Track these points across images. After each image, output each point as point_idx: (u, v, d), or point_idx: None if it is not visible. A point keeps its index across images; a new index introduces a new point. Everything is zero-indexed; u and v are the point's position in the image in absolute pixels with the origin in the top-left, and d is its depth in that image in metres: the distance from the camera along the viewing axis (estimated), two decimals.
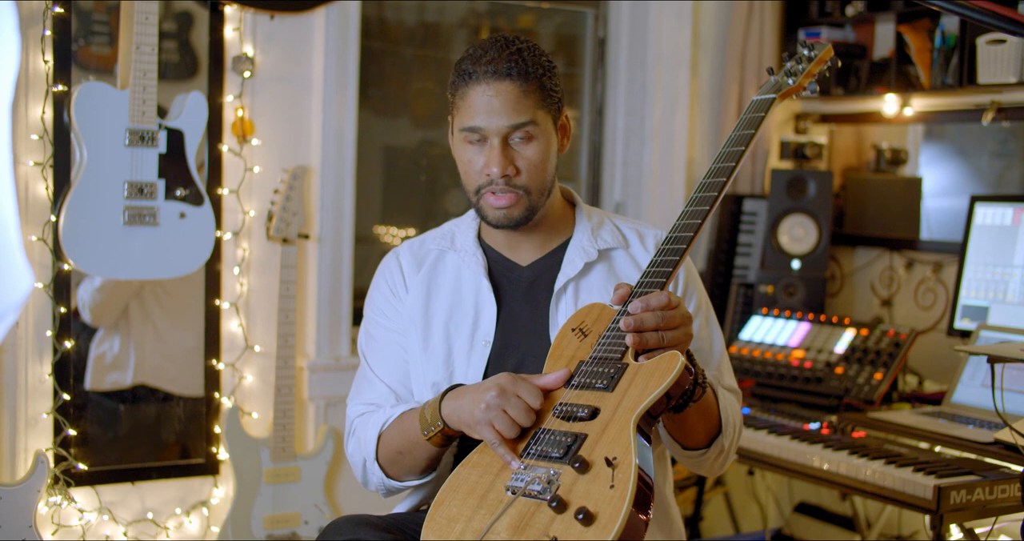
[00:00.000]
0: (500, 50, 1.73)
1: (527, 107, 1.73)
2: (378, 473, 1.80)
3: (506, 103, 1.72)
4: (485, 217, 1.81)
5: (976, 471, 2.29)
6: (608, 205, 3.70)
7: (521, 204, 1.77)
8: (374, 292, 1.95)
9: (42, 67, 2.66)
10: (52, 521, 2.75)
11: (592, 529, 1.32)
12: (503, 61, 1.72)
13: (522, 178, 1.75)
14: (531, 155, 1.76)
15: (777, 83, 1.76)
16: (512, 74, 1.72)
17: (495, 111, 1.72)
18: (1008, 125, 3.17)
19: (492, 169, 1.74)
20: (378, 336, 1.92)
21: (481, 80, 1.72)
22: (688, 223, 1.63)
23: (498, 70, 1.72)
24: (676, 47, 3.61)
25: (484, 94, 1.72)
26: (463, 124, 1.76)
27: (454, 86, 1.78)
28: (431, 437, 1.67)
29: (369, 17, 3.31)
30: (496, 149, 1.73)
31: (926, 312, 3.35)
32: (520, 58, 1.73)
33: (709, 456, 1.77)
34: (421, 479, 1.80)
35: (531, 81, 1.74)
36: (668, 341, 1.54)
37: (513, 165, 1.74)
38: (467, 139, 1.76)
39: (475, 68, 1.73)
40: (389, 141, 3.51)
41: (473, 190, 1.80)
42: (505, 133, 1.73)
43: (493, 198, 1.77)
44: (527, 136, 1.75)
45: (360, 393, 1.91)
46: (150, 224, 2.70)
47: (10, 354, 2.69)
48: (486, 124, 1.73)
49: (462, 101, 1.75)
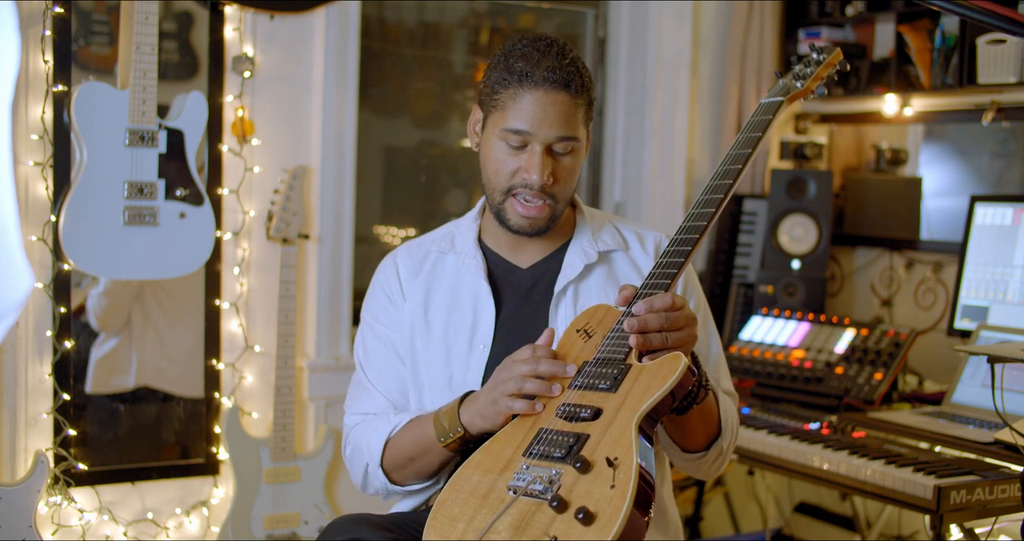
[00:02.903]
0: (559, 58, 1.72)
1: (577, 121, 1.74)
2: (381, 478, 1.81)
3: (560, 114, 1.71)
4: (506, 220, 1.79)
5: (976, 471, 2.29)
6: (608, 205, 3.70)
7: (547, 213, 1.77)
8: (371, 298, 1.95)
9: (42, 67, 2.66)
10: (52, 521, 2.75)
11: (592, 529, 1.32)
12: (562, 71, 1.71)
13: (556, 187, 1.75)
14: (569, 166, 1.76)
15: (785, 86, 1.76)
16: (570, 87, 1.71)
17: (548, 120, 1.71)
18: (1008, 125, 3.17)
19: (532, 176, 1.72)
20: (374, 345, 1.91)
21: (539, 86, 1.70)
22: (694, 225, 1.63)
23: (557, 79, 1.70)
24: (676, 47, 3.61)
25: (539, 101, 1.71)
26: (509, 125, 1.73)
27: (502, 83, 1.74)
28: (448, 443, 1.69)
29: (369, 17, 3.31)
30: (539, 156, 1.72)
31: (926, 312, 3.35)
32: (577, 71, 1.73)
33: (707, 458, 1.78)
34: (426, 483, 1.81)
35: (583, 96, 1.74)
36: (672, 342, 1.54)
37: (552, 174, 1.74)
38: (506, 139, 1.74)
39: (533, 71, 1.71)
40: (389, 141, 3.51)
41: (501, 190, 1.77)
42: (551, 143, 1.73)
43: (521, 206, 1.76)
44: (568, 149, 1.75)
45: (357, 402, 1.92)
46: (150, 224, 2.70)
47: (10, 354, 2.69)
48: (536, 130, 1.71)
49: (511, 101, 1.72)
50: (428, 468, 1.76)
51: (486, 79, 1.79)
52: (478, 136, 1.84)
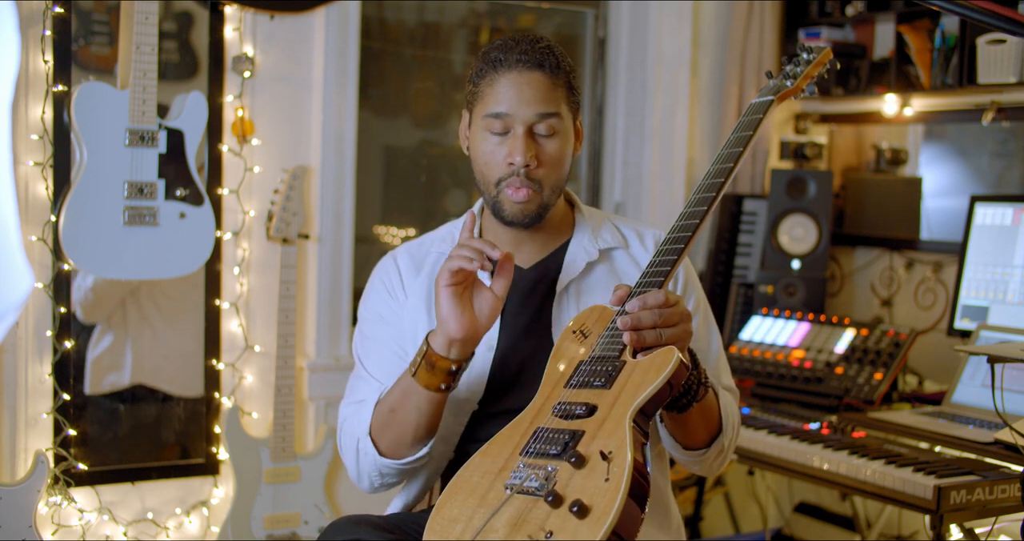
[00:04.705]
0: (532, 44, 1.75)
1: (555, 99, 1.75)
2: (371, 452, 1.76)
3: (536, 93, 1.73)
4: (502, 212, 1.78)
5: (976, 471, 2.29)
6: (608, 205, 3.70)
7: (535, 200, 1.76)
8: (370, 294, 1.93)
9: (42, 67, 2.66)
10: (52, 521, 2.75)
11: (586, 521, 1.33)
12: (535, 53, 1.73)
13: (541, 171, 1.75)
14: (553, 149, 1.76)
15: (775, 86, 1.78)
16: (544, 66, 1.74)
17: (524, 99, 1.72)
18: (1008, 125, 3.17)
19: (516, 157, 1.72)
20: (373, 336, 1.90)
21: (512, 68, 1.73)
22: (687, 223, 1.64)
23: (531, 60, 1.73)
24: (676, 47, 3.61)
25: (514, 82, 1.73)
26: (488, 110, 1.74)
27: (480, 73, 1.76)
28: (416, 370, 1.67)
29: (369, 17, 3.31)
30: (520, 138, 1.73)
31: (926, 312, 3.35)
32: (552, 53, 1.75)
33: (709, 456, 1.78)
34: (413, 453, 1.75)
35: (560, 76, 1.75)
36: (667, 338, 1.54)
37: (535, 156, 1.74)
38: (489, 128, 1.75)
39: (506, 56, 1.73)
40: (389, 141, 3.51)
41: (493, 182, 1.77)
42: (531, 122, 1.73)
43: (512, 191, 1.75)
44: (551, 129, 1.75)
45: (353, 393, 1.89)
46: (150, 224, 2.70)
47: (10, 354, 2.69)
48: (514, 111, 1.73)
49: (488, 88, 1.74)
50: (408, 418, 1.71)
51: (468, 80, 1.81)
52: (467, 139, 1.84)
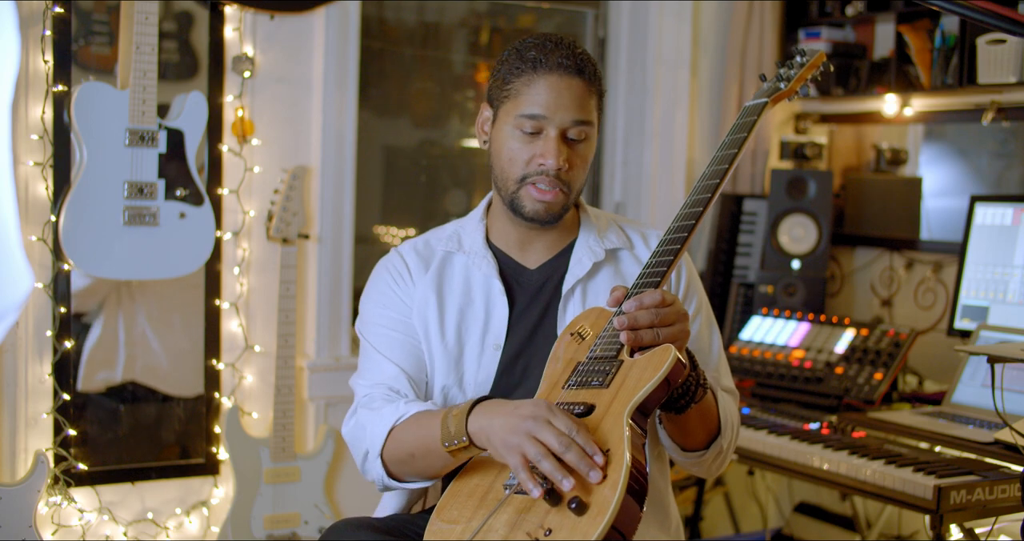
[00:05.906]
0: (570, 48, 1.76)
1: (591, 107, 1.77)
2: (379, 469, 1.73)
3: (575, 98, 1.74)
4: (522, 208, 1.78)
5: (976, 471, 2.29)
6: (608, 205, 3.70)
7: (561, 200, 1.78)
8: (377, 284, 1.89)
9: (42, 67, 2.66)
10: (52, 521, 2.75)
11: (585, 518, 1.34)
12: (576, 59, 1.75)
13: (570, 174, 1.76)
14: (582, 154, 1.78)
15: (769, 88, 1.79)
16: (584, 73, 1.75)
17: (564, 104, 1.73)
18: (1008, 125, 3.17)
19: (548, 160, 1.73)
20: (381, 321, 1.86)
21: (553, 71, 1.73)
22: (683, 225, 1.65)
23: (572, 65, 1.74)
24: (676, 47, 3.61)
25: (554, 86, 1.73)
26: (522, 110, 1.74)
27: (515, 71, 1.76)
28: (453, 451, 1.58)
29: (369, 17, 3.31)
30: (554, 141, 1.73)
31: (926, 312, 3.35)
32: (590, 61, 1.77)
33: (708, 457, 1.78)
34: (425, 484, 1.75)
35: (595, 84, 1.78)
36: (664, 337, 1.54)
37: (567, 160, 1.75)
38: (521, 127, 1.75)
39: (547, 58, 1.74)
40: (389, 141, 3.51)
41: (516, 179, 1.77)
42: (566, 127, 1.74)
43: (537, 190, 1.76)
44: (582, 135, 1.76)
45: (368, 374, 1.83)
46: (150, 224, 2.70)
47: (10, 354, 2.69)
48: (551, 114, 1.73)
49: (525, 87, 1.74)
50: (429, 469, 1.68)
51: (495, 74, 1.81)
52: (487, 134, 1.84)
